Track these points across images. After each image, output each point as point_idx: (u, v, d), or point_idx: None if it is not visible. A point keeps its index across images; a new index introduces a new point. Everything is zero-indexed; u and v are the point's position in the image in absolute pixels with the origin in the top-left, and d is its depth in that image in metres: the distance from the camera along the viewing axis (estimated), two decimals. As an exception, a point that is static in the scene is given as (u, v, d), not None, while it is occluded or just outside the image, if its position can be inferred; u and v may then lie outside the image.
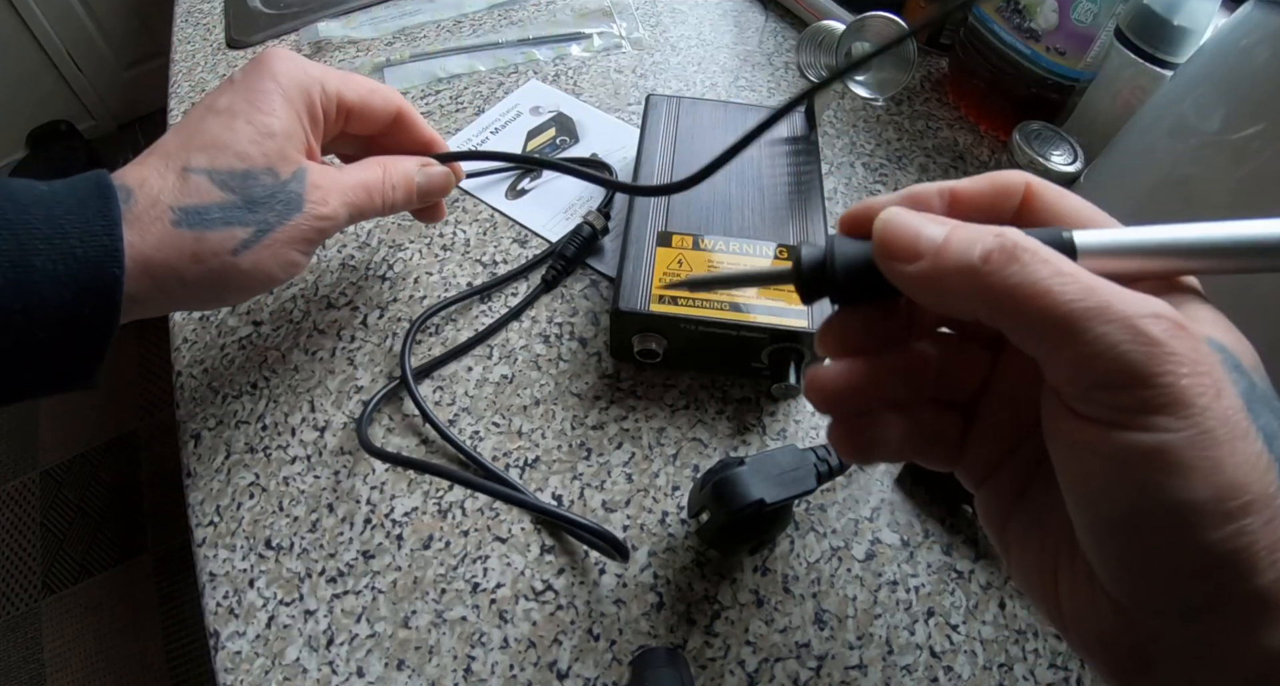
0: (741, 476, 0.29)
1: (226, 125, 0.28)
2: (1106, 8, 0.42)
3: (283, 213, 0.29)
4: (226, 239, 0.27)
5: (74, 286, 0.24)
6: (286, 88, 0.30)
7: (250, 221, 0.28)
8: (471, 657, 0.31)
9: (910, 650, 0.32)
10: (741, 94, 0.54)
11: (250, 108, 0.29)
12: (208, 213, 0.27)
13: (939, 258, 0.17)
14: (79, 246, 0.24)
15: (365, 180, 0.32)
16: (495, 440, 0.37)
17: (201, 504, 0.35)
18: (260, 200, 0.28)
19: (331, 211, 0.30)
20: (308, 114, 0.31)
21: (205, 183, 0.27)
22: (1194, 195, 0.32)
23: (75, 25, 1.64)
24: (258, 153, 0.28)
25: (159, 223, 0.26)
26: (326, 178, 0.31)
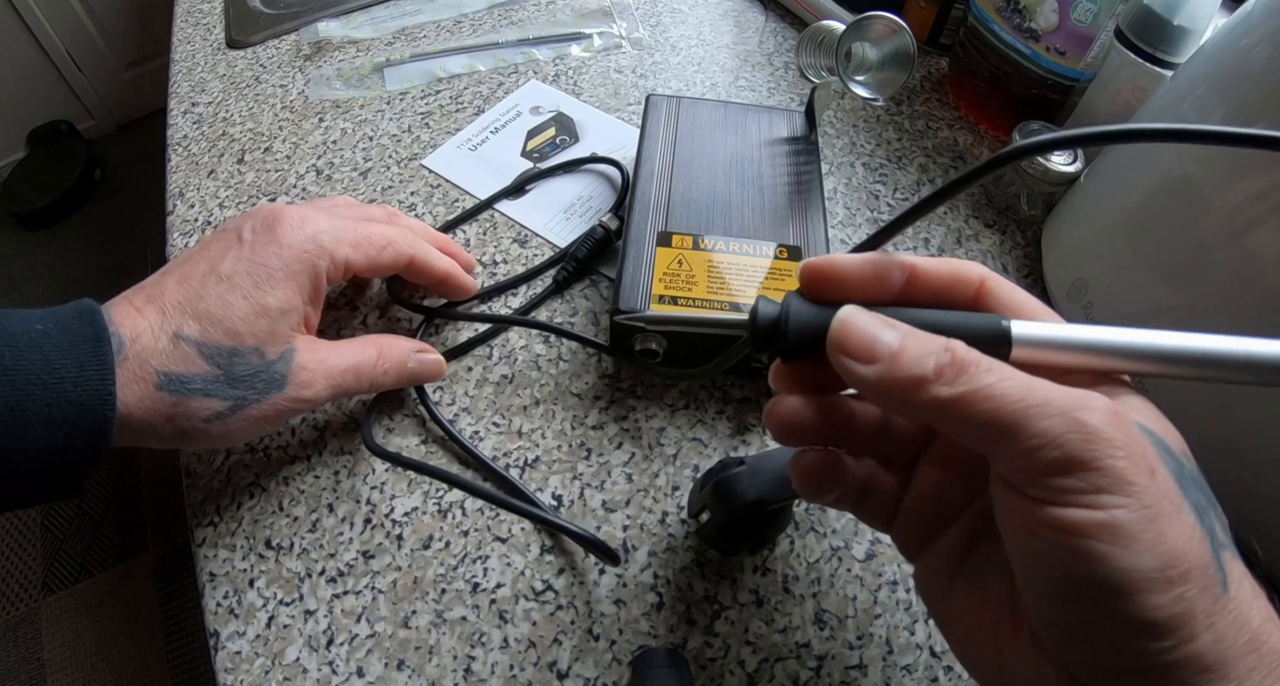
0: (741, 476, 0.29)
1: (223, 297, 0.29)
2: (1106, 8, 0.42)
3: (263, 390, 0.30)
4: (202, 409, 0.28)
5: (67, 428, 0.25)
6: (290, 263, 0.31)
7: (229, 396, 0.29)
8: (471, 657, 0.31)
9: (910, 650, 0.32)
10: (741, 94, 0.54)
11: (250, 282, 0.30)
12: (190, 382, 0.28)
13: (893, 365, 0.18)
14: (74, 390, 0.25)
15: (356, 363, 0.33)
16: (495, 440, 0.37)
17: (201, 504, 0.35)
18: (242, 378, 0.29)
19: (313, 394, 0.31)
20: (310, 288, 0.31)
21: (193, 353, 0.28)
22: (1194, 195, 0.32)
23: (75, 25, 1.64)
24: (247, 331, 0.29)
25: (144, 383, 0.27)
26: (315, 359, 0.31)
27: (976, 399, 0.17)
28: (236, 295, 0.29)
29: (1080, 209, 0.41)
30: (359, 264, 0.33)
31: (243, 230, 0.31)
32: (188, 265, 0.30)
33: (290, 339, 0.31)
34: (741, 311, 0.35)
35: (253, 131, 0.52)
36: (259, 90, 0.55)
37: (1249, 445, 0.31)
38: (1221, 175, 0.31)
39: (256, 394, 0.29)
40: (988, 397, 0.17)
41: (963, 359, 0.18)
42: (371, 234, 0.34)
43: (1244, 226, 0.30)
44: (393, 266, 0.35)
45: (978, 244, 0.46)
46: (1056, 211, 0.44)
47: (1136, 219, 0.36)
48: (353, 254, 0.33)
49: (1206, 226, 0.32)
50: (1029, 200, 0.46)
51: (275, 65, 0.57)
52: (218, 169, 0.50)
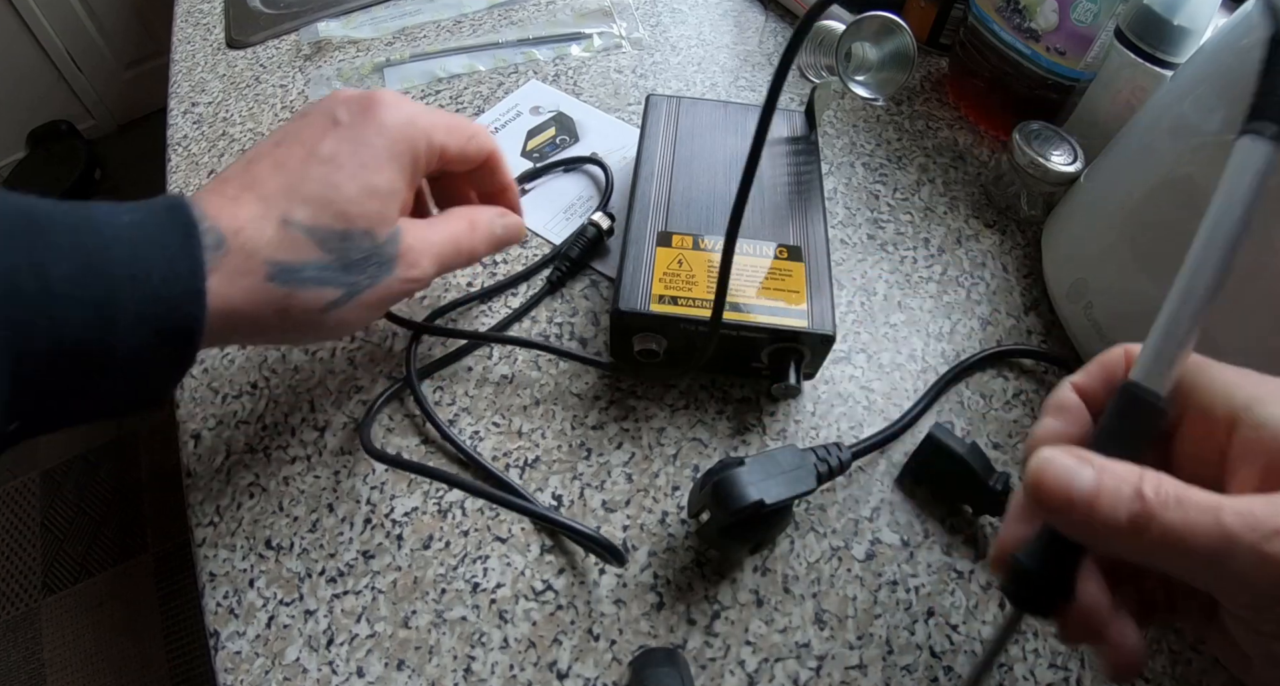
0: (741, 476, 0.29)
1: (329, 179, 0.27)
2: (1106, 8, 0.42)
3: (375, 275, 0.29)
4: (316, 298, 0.27)
5: (154, 326, 0.24)
6: (394, 143, 0.29)
7: (343, 283, 0.28)
8: (471, 657, 0.31)
9: (910, 650, 0.32)
10: (741, 94, 0.54)
11: (355, 162, 0.28)
12: (302, 270, 0.27)
13: (1092, 516, 0.18)
14: (162, 287, 0.24)
15: (454, 235, 0.32)
16: (495, 440, 0.37)
17: (201, 504, 0.35)
18: (355, 263, 0.28)
19: (421, 273, 0.30)
20: (410, 170, 0.30)
21: (303, 239, 0.27)
22: (1194, 195, 0.32)
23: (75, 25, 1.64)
24: (359, 213, 0.28)
25: (252, 276, 0.26)
26: (419, 238, 0.30)
27: (1169, 544, 0.17)
28: (343, 176, 0.28)
29: (1080, 209, 0.41)
30: (452, 150, 0.32)
31: (336, 113, 0.30)
32: (280, 150, 0.29)
33: (395, 221, 0.29)
34: (742, 311, 0.35)
35: (253, 131, 0.52)
36: (259, 90, 0.55)
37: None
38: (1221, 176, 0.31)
39: (369, 278, 0.28)
40: (1177, 541, 0.17)
41: (1150, 503, 0.18)
42: (460, 121, 0.33)
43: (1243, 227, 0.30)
44: (475, 158, 0.34)
45: (978, 244, 0.46)
46: (1056, 211, 0.44)
47: (1136, 219, 0.36)
48: (447, 139, 0.31)
49: (1206, 226, 0.32)
50: (1029, 200, 0.46)
51: (275, 65, 0.57)
52: (218, 169, 0.50)
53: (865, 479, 0.36)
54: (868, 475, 0.36)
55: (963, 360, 0.40)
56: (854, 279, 0.44)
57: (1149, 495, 0.18)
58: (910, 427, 0.38)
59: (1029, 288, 0.44)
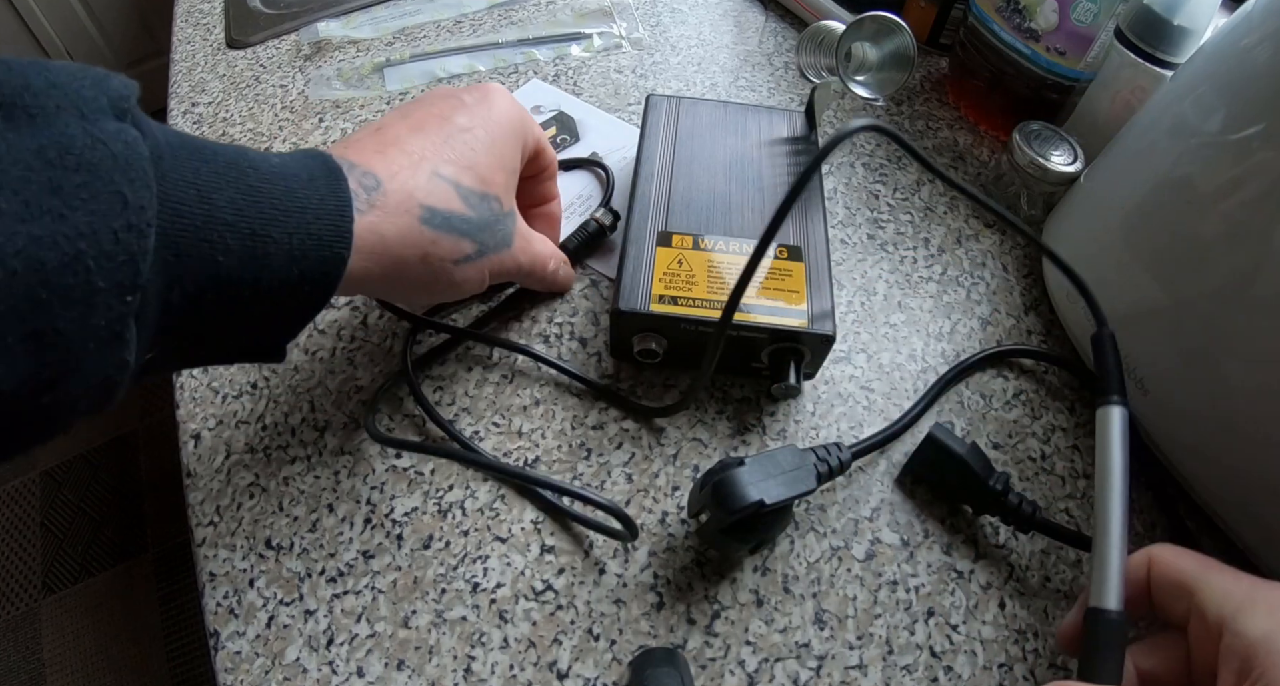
0: (741, 476, 0.29)
1: (469, 145, 0.30)
2: (1106, 8, 0.42)
3: (501, 241, 0.31)
4: (456, 248, 0.29)
5: (302, 263, 0.24)
6: (512, 126, 0.32)
7: (479, 238, 0.30)
8: (471, 657, 0.31)
9: (910, 650, 0.32)
10: (741, 94, 0.54)
11: (489, 137, 0.30)
12: (450, 219, 0.28)
13: None
14: (314, 223, 0.24)
15: (544, 254, 0.36)
16: (495, 440, 0.37)
17: (201, 504, 0.35)
18: (489, 223, 0.30)
19: (526, 260, 0.33)
20: (521, 156, 0.33)
21: (452, 192, 0.28)
22: (1194, 195, 0.32)
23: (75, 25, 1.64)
24: (494, 180, 0.30)
25: (408, 216, 0.27)
26: (526, 230, 0.34)
27: None
28: (480, 146, 0.30)
29: (1080, 209, 0.41)
30: (543, 146, 0.35)
31: (460, 95, 0.32)
32: (416, 116, 0.30)
33: (512, 202, 0.32)
34: (742, 311, 0.35)
35: (253, 131, 0.52)
36: (259, 90, 0.55)
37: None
38: (1222, 176, 0.31)
39: (496, 242, 0.30)
40: None
41: None
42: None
43: (1244, 227, 0.30)
44: (548, 164, 0.36)
45: (978, 244, 0.46)
46: (1056, 211, 0.44)
47: (1136, 219, 0.36)
48: (540, 137, 0.34)
49: (1206, 227, 0.32)
50: (1029, 200, 0.46)
51: (275, 65, 0.57)
52: (218, 169, 0.50)
53: (865, 479, 0.36)
54: (868, 475, 0.36)
55: (963, 360, 0.40)
56: (854, 279, 0.44)
57: None
58: (910, 428, 0.38)
59: (1029, 288, 0.44)
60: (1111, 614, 0.25)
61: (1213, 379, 0.32)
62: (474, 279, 0.31)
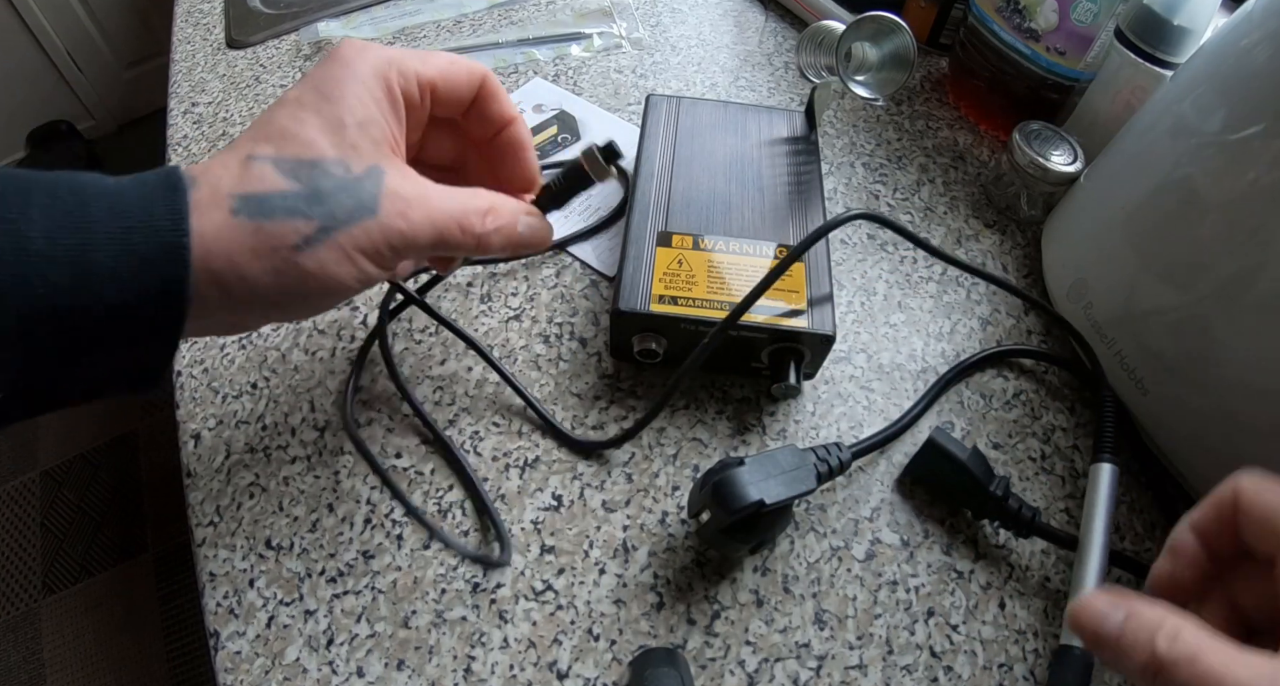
0: (741, 476, 0.29)
1: (293, 114, 0.26)
2: (1106, 8, 0.42)
3: (353, 211, 0.25)
4: (288, 232, 0.24)
5: (135, 286, 0.22)
6: (359, 72, 0.27)
7: (315, 214, 0.25)
8: (471, 657, 0.31)
9: (910, 650, 0.32)
10: (741, 94, 0.54)
11: (318, 97, 0.26)
12: (268, 200, 0.24)
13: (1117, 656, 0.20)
14: (142, 243, 0.22)
15: (462, 209, 0.28)
16: (495, 440, 0.37)
17: (201, 504, 0.35)
18: (327, 192, 0.25)
19: (411, 227, 0.26)
20: (386, 99, 0.27)
21: (269, 170, 0.25)
22: (1194, 195, 0.32)
23: (75, 25, 1.64)
24: (327, 143, 0.25)
25: (218, 210, 0.23)
26: (415, 189, 0.27)
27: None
28: (307, 111, 0.26)
29: (1080, 209, 0.41)
30: (430, 75, 0.29)
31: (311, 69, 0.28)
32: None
33: (377, 157, 0.26)
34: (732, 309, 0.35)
35: (253, 131, 0.52)
36: (259, 90, 0.55)
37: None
38: (1221, 176, 0.31)
39: (346, 214, 0.25)
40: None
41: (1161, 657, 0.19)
42: (437, 52, 0.30)
43: (1244, 227, 0.30)
44: (467, 83, 0.30)
45: (978, 244, 0.46)
46: (1056, 211, 0.44)
47: (1136, 219, 0.36)
48: (421, 66, 0.28)
49: (1206, 227, 0.32)
50: (1029, 200, 0.46)
51: (275, 65, 0.57)
52: (218, 169, 0.50)
53: (865, 479, 0.36)
54: (868, 475, 0.36)
55: (963, 360, 0.40)
56: (854, 279, 0.44)
57: (1161, 649, 0.19)
58: (910, 428, 0.38)
59: (1029, 288, 0.44)
60: (1077, 651, 0.29)
61: (1212, 379, 0.32)
62: (337, 264, 0.25)
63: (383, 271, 0.26)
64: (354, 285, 0.26)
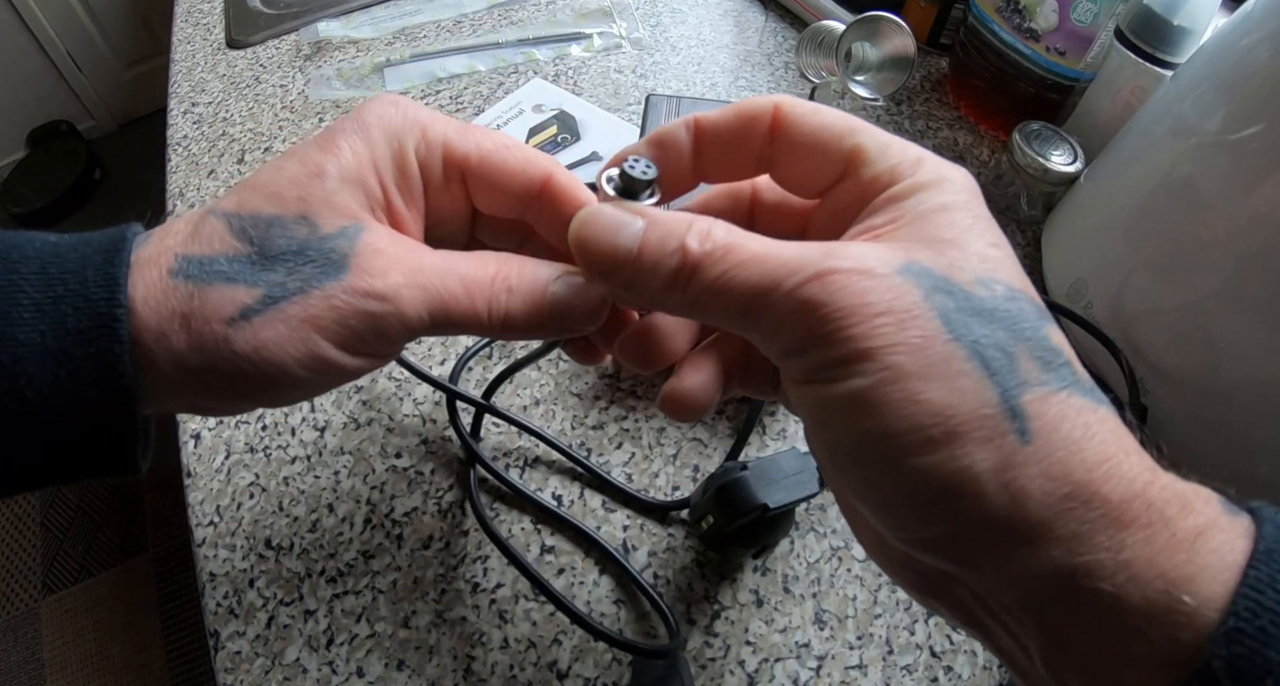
0: (745, 481, 0.29)
1: (277, 164, 0.22)
2: (1106, 8, 0.42)
3: (310, 276, 0.20)
4: (224, 301, 0.19)
5: (67, 364, 0.18)
6: (368, 127, 0.22)
7: (259, 280, 0.19)
8: (471, 657, 0.31)
9: (910, 650, 0.32)
10: (741, 94, 0.54)
11: (312, 146, 0.22)
12: (213, 264, 0.20)
13: (634, 274, 0.18)
14: (71, 314, 0.19)
15: (464, 269, 0.21)
16: (495, 440, 0.37)
17: (201, 504, 0.35)
18: (280, 255, 0.20)
19: (390, 287, 0.20)
20: (393, 164, 0.22)
21: (221, 228, 0.20)
22: (1194, 195, 0.32)
23: (75, 25, 1.64)
24: (294, 195, 0.21)
25: (155, 269, 0.20)
26: (399, 246, 0.21)
27: (710, 298, 0.17)
28: (292, 160, 0.21)
29: (1080, 209, 0.41)
30: (463, 151, 0.23)
31: None
32: None
33: (358, 216, 0.21)
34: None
35: (253, 131, 0.52)
36: (259, 90, 0.55)
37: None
38: (1221, 176, 0.31)
39: (299, 280, 0.20)
40: (720, 293, 0.17)
41: (693, 256, 0.17)
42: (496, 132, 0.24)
43: (1244, 226, 0.30)
44: (519, 175, 0.23)
45: (978, 244, 0.46)
46: (1056, 211, 0.44)
47: (1136, 219, 0.36)
48: (455, 136, 0.23)
49: (1206, 226, 0.32)
50: (1029, 200, 0.46)
51: (275, 65, 0.57)
52: (218, 169, 0.50)
53: (865, 479, 0.36)
54: (868, 475, 0.36)
55: (963, 360, 0.40)
56: (854, 279, 0.44)
57: (693, 248, 0.17)
58: (910, 427, 0.37)
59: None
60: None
61: (1212, 378, 0.32)
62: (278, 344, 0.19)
63: (355, 358, 0.21)
64: (300, 372, 0.20)
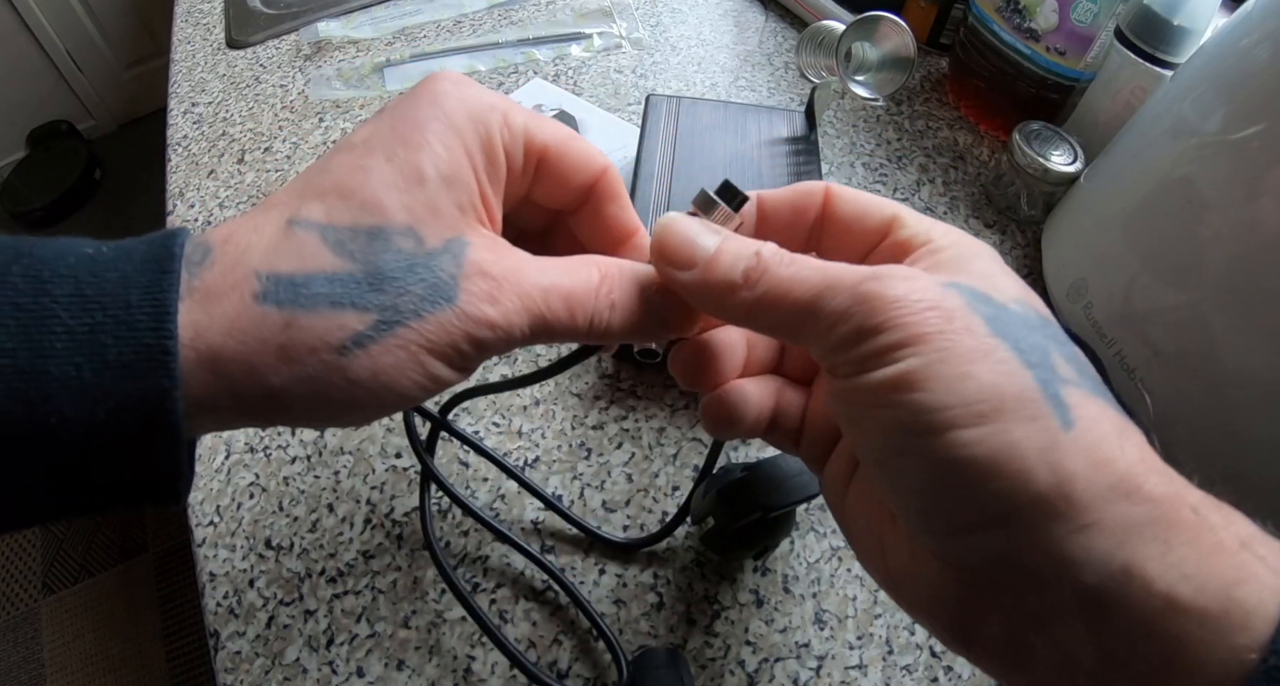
0: (745, 483, 0.29)
1: (357, 162, 0.19)
2: (1106, 8, 0.42)
3: (423, 299, 0.18)
4: (332, 328, 0.18)
5: (105, 403, 0.16)
6: (452, 114, 0.20)
7: (371, 304, 0.18)
8: (471, 657, 0.31)
9: (910, 650, 0.32)
10: (741, 94, 0.54)
11: (395, 140, 0.20)
12: (309, 285, 0.18)
13: (708, 270, 0.19)
14: (111, 346, 0.16)
15: (568, 285, 0.20)
16: (495, 440, 0.37)
17: (201, 504, 0.35)
18: (391, 275, 0.18)
19: (502, 315, 0.19)
20: (482, 153, 0.20)
21: (314, 242, 0.18)
22: (1194, 195, 0.32)
23: (75, 25, 1.64)
24: (395, 204, 0.19)
25: (235, 294, 0.17)
26: (502, 263, 0.20)
27: (776, 295, 0.18)
28: (376, 158, 0.19)
29: (1080, 209, 0.41)
30: (543, 140, 0.22)
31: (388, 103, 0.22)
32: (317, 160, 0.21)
33: (460, 225, 0.20)
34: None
35: (253, 131, 0.52)
36: (259, 90, 0.55)
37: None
38: (1221, 175, 0.31)
39: (414, 302, 0.18)
40: (785, 292, 0.18)
41: (766, 260, 0.18)
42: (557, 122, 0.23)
43: (1244, 226, 0.30)
44: (584, 167, 0.22)
45: (978, 244, 0.46)
46: (1056, 211, 0.44)
47: (1136, 219, 0.36)
48: (534, 122, 0.22)
49: (1206, 226, 0.32)
50: (1029, 200, 0.46)
51: (275, 65, 0.57)
52: (218, 169, 0.50)
53: (865, 479, 0.36)
54: (868, 475, 0.36)
55: (963, 360, 0.40)
56: (854, 279, 0.44)
57: (765, 254, 0.19)
58: (910, 427, 0.37)
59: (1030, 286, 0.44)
60: None
61: (1212, 378, 0.32)
62: (399, 371, 0.18)
63: (460, 374, 0.20)
64: (417, 395, 0.19)
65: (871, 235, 0.21)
